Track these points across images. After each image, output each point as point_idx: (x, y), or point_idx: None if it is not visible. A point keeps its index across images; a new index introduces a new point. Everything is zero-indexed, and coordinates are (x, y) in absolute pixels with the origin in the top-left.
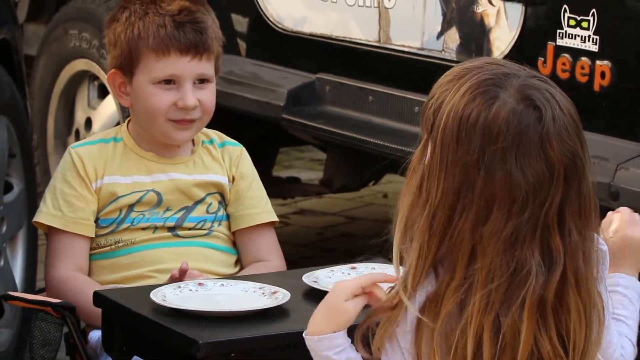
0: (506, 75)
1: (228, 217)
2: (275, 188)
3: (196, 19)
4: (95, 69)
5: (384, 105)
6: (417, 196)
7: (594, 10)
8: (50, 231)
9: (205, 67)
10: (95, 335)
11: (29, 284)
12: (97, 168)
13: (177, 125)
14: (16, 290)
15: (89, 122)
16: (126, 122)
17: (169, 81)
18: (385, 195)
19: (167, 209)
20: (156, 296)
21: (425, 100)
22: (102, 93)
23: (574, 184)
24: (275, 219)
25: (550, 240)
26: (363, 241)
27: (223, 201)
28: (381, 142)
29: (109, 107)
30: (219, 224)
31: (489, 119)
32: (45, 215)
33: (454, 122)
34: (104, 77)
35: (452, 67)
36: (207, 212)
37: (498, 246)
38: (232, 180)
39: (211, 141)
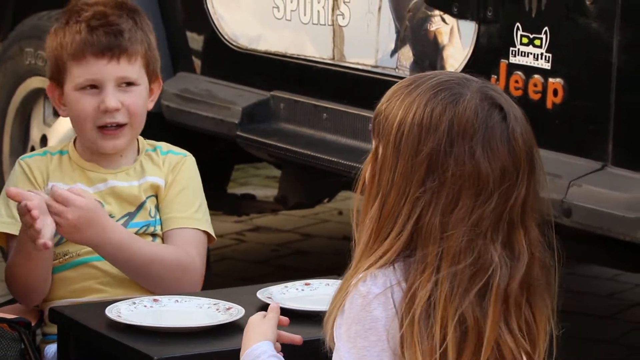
0: (465, 78)
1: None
2: (230, 205)
3: (109, 22)
4: None
5: (338, 122)
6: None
7: (546, 28)
8: (8, 240)
9: (126, 69)
10: (51, 350)
11: None
12: (44, 175)
13: (104, 133)
14: None
15: (44, 140)
16: (73, 138)
17: (92, 87)
18: (340, 213)
19: (110, 217)
20: (111, 312)
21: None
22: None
23: (533, 181)
24: (205, 228)
25: (513, 235)
26: (318, 258)
27: (158, 204)
28: (335, 160)
29: (64, 124)
30: (160, 229)
31: (457, 112)
32: (1, 224)
33: (414, 117)
34: None
35: None
36: (150, 216)
37: (463, 233)
38: (167, 184)
39: (155, 149)
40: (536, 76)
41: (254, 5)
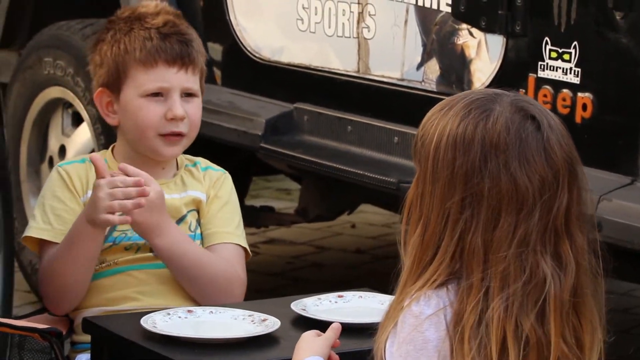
0: (496, 94)
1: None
2: (249, 217)
3: (181, 31)
4: (69, 96)
5: (362, 135)
6: (415, 225)
7: (575, 42)
8: (41, 246)
9: (192, 80)
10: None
11: (6, 311)
12: (83, 183)
13: (165, 140)
14: None
15: (62, 150)
16: (110, 147)
17: (156, 94)
18: (353, 226)
19: None
20: (146, 323)
21: (405, 131)
22: (76, 121)
23: (575, 190)
24: (244, 245)
25: (560, 245)
26: (333, 271)
27: (199, 219)
28: (361, 172)
29: (83, 134)
30: (200, 243)
31: (487, 127)
32: (35, 229)
33: (448, 138)
34: (78, 105)
35: (432, 97)
36: (190, 230)
37: (510, 252)
38: (209, 199)
39: (195, 164)
40: (565, 90)
41: (277, 17)
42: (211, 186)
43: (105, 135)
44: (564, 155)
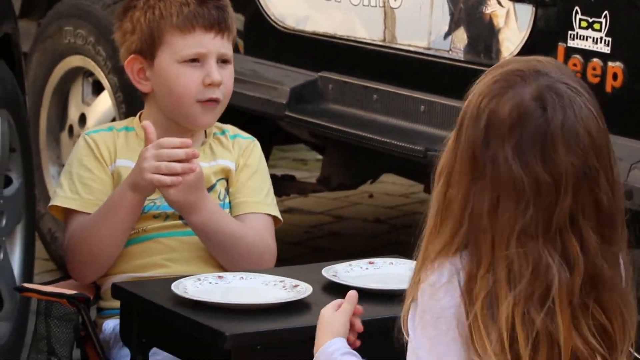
0: (537, 72)
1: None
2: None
3: None
4: (90, 65)
5: (388, 104)
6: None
7: (606, 12)
8: (67, 215)
9: (227, 46)
10: (109, 326)
11: (26, 278)
12: (111, 152)
13: (203, 107)
14: (14, 285)
15: (82, 119)
16: (138, 115)
17: (193, 60)
18: (371, 195)
19: None
20: (177, 288)
21: (431, 99)
22: (97, 89)
23: (585, 194)
24: (276, 214)
25: (566, 242)
26: (352, 240)
27: (228, 188)
28: (387, 140)
29: (104, 103)
30: (229, 212)
31: (498, 104)
32: (62, 198)
33: (469, 105)
34: (99, 73)
35: (459, 67)
36: (219, 199)
37: (513, 240)
38: (239, 168)
39: (223, 132)
40: (595, 60)
41: None
42: (240, 154)
43: (127, 104)
44: (572, 159)
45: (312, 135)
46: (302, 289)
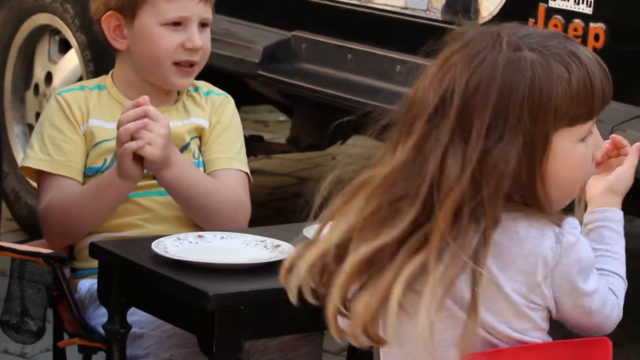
0: (497, 36)
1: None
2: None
3: None
4: (57, 23)
5: (363, 63)
6: None
7: None
8: (39, 176)
9: (208, 10)
10: (84, 286)
11: None
12: (83, 112)
13: (179, 70)
14: None
15: (49, 77)
16: (110, 73)
17: (176, 23)
18: (333, 158)
19: None
20: (158, 247)
21: (408, 59)
22: (64, 48)
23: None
24: (246, 170)
25: None
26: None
27: (201, 146)
28: (363, 100)
29: (70, 61)
30: (204, 170)
31: None
32: (33, 160)
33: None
34: (67, 32)
35: (437, 27)
36: (194, 157)
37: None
38: (212, 125)
39: (196, 89)
40: (577, 20)
41: None
42: (213, 112)
43: (95, 62)
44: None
45: (282, 95)
46: (284, 249)
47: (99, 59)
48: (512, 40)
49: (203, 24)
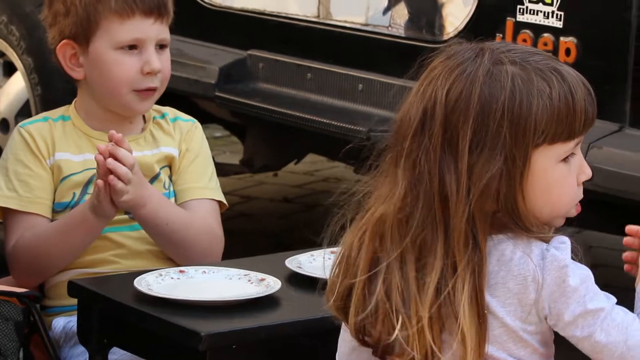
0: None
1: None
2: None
3: None
4: (2, 45)
5: (323, 82)
6: None
7: None
8: (6, 214)
9: (165, 30)
10: (58, 324)
11: None
12: (48, 144)
13: (140, 95)
14: None
15: None
16: (73, 102)
17: (132, 47)
18: (275, 174)
19: None
20: (140, 285)
21: (370, 77)
22: (8, 71)
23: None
24: (220, 198)
25: None
26: (263, 221)
27: (171, 175)
28: (327, 121)
29: (16, 84)
30: (174, 201)
31: None
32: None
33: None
34: (12, 54)
35: (399, 43)
36: (164, 188)
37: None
38: (181, 154)
39: (163, 116)
40: (546, 35)
41: None
42: (182, 139)
43: (42, 86)
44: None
45: (234, 115)
46: (271, 283)
47: (47, 83)
48: (494, 54)
49: (161, 46)
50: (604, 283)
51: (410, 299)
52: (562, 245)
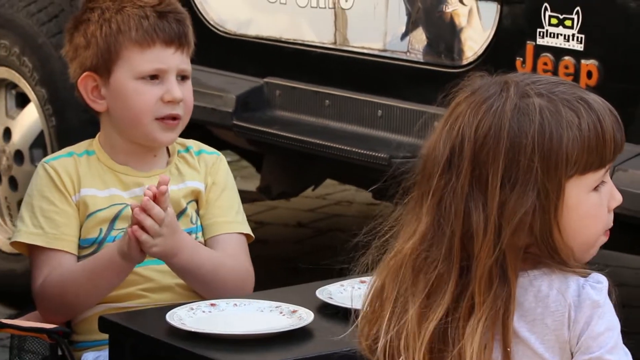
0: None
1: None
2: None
3: (177, 9)
4: (14, 77)
5: (342, 109)
6: None
7: (578, 8)
8: (32, 251)
9: (186, 61)
10: (87, 359)
11: None
12: (74, 180)
13: (163, 125)
14: None
15: (7, 132)
16: (97, 136)
17: (153, 77)
18: (288, 199)
19: None
20: (173, 319)
21: (389, 103)
22: (22, 102)
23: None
24: (248, 231)
25: None
26: (279, 246)
27: (198, 209)
28: (348, 148)
29: (29, 116)
30: (201, 235)
31: None
32: (25, 234)
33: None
34: (25, 86)
35: (418, 68)
36: (191, 222)
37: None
38: (207, 188)
39: (187, 149)
40: (567, 58)
41: None
42: (208, 173)
43: (57, 117)
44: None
45: (251, 143)
46: (303, 315)
47: (61, 114)
48: (519, 87)
49: (183, 77)
50: (622, 303)
51: (409, 338)
52: (599, 285)
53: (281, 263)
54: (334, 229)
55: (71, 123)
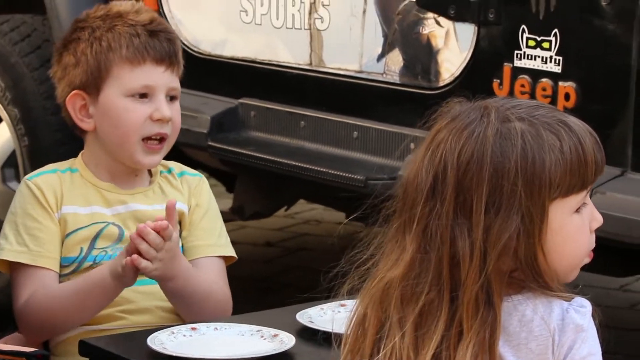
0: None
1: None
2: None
3: (168, 29)
4: None
5: (317, 130)
6: None
7: (555, 30)
8: (15, 269)
9: (175, 80)
10: None
11: None
12: (57, 197)
13: (147, 148)
14: None
15: None
16: (80, 155)
17: (142, 95)
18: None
19: None
20: (154, 344)
21: (365, 125)
22: None
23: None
24: (231, 253)
25: None
26: (248, 266)
27: (181, 231)
28: (324, 170)
29: (1, 135)
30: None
31: None
32: (9, 252)
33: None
34: None
35: (394, 90)
36: None
37: None
38: (191, 210)
39: (169, 171)
40: (545, 80)
41: (217, 10)
42: (191, 194)
43: (30, 137)
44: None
45: (224, 163)
46: (284, 339)
47: (33, 133)
48: (500, 112)
49: (172, 97)
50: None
51: None
52: (582, 309)
53: (253, 283)
54: (303, 248)
55: (43, 143)
